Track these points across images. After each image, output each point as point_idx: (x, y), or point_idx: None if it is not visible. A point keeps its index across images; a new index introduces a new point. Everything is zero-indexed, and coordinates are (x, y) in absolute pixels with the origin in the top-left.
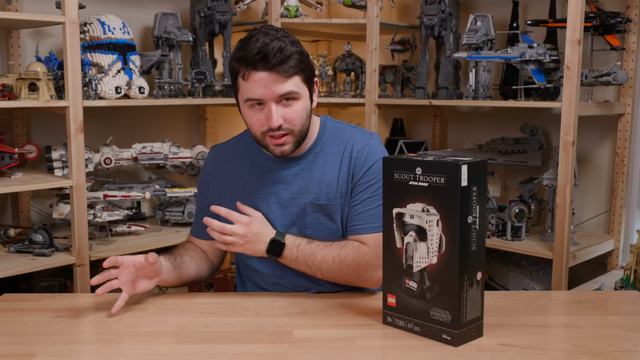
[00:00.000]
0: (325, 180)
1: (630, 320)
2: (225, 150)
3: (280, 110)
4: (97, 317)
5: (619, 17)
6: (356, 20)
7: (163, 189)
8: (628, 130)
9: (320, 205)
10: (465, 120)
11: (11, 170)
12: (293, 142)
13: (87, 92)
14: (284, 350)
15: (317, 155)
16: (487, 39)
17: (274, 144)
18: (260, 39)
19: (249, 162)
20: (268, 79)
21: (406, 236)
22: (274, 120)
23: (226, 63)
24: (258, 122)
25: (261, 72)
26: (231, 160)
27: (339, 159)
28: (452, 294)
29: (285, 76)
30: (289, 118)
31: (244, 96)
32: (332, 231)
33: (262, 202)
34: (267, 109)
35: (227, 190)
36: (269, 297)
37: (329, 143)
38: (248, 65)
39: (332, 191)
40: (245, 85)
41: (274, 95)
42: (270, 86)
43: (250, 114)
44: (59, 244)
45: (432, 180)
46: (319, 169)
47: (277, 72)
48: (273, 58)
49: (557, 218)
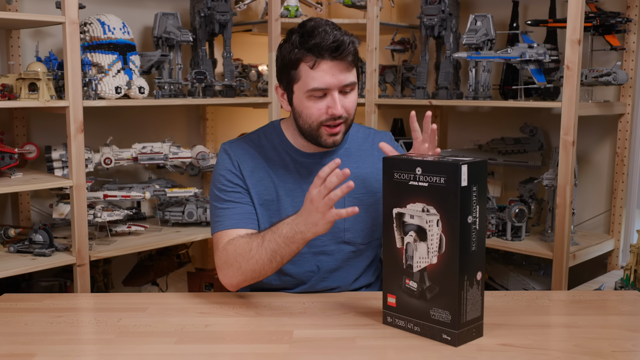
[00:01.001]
0: (361, 175)
1: (630, 320)
2: (248, 145)
3: (341, 99)
4: (97, 317)
5: (619, 17)
6: (356, 20)
7: (163, 189)
8: (628, 130)
9: (357, 198)
10: (465, 120)
11: (11, 170)
12: (344, 131)
13: (87, 92)
14: (284, 350)
15: (349, 150)
16: (487, 39)
17: (328, 133)
18: (328, 29)
19: (280, 158)
20: (336, 68)
21: (406, 236)
22: (339, 108)
23: (226, 63)
24: (318, 112)
25: (333, 61)
26: (259, 156)
27: (369, 155)
28: (452, 294)
29: (351, 66)
30: (347, 107)
31: (308, 86)
32: (367, 224)
33: (300, 196)
34: (329, 98)
35: (261, 184)
36: (269, 297)
37: (355, 139)
38: (319, 54)
39: (369, 185)
40: (312, 74)
41: (341, 85)
42: (337, 75)
43: (309, 104)
44: (59, 244)
45: (432, 180)
46: (354, 164)
47: (345, 62)
48: (347, 49)
49: (557, 218)
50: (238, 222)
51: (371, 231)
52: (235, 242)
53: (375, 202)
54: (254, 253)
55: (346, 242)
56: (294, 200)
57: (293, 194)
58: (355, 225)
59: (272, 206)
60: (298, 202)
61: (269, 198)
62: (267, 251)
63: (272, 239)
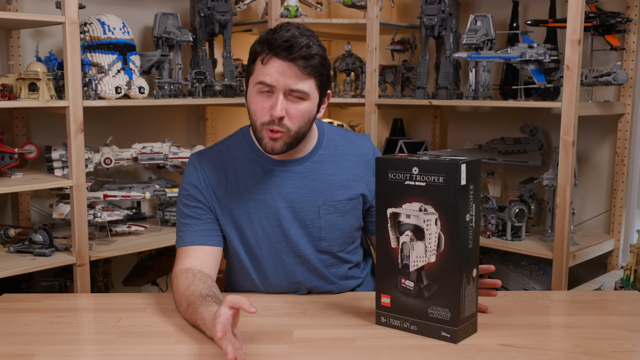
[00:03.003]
0: (336, 182)
1: (630, 320)
2: (217, 156)
3: (286, 103)
4: (97, 317)
5: (619, 17)
6: (356, 20)
7: (163, 189)
8: (628, 130)
9: (333, 206)
10: (465, 120)
11: (11, 170)
12: (287, 142)
13: (87, 92)
14: (284, 350)
15: (323, 156)
16: (487, 39)
17: (268, 137)
18: (292, 30)
19: (250, 167)
20: (286, 69)
21: (402, 236)
22: (278, 109)
23: (226, 63)
24: (262, 110)
25: (282, 60)
26: (228, 167)
27: (347, 160)
28: (453, 291)
29: (303, 73)
30: (291, 114)
31: (257, 79)
32: (344, 231)
33: (271, 207)
34: (273, 98)
35: (230, 197)
36: (269, 297)
37: (331, 145)
38: (271, 50)
39: (344, 191)
40: (262, 68)
41: (286, 87)
42: (285, 77)
43: (256, 99)
44: (59, 244)
45: (430, 179)
46: (328, 170)
47: (296, 66)
48: (298, 51)
49: (557, 218)
50: (198, 239)
51: (348, 238)
52: (179, 279)
53: (352, 207)
54: (181, 310)
55: (322, 251)
56: (266, 210)
57: (265, 204)
58: (332, 234)
59: (244, 218)
60: (269, 212)
61: (240, 211)
62: (187, 317)
63: (192, 313)
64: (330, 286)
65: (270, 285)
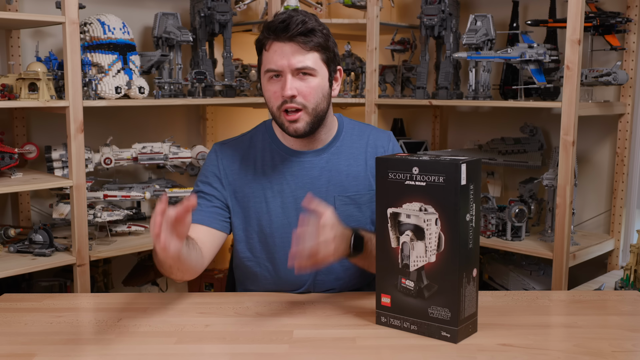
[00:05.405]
0: (352, 173)
1: (630, 320)
2: (238, 147)
3: (296, 82)
4: (97, 317)
5: (619, 17)
6: (356, 20)
7: (163, 189)
8: (628, 130)
9: (349, 197)
10: (465, 120)
11: (11, 170)
12: (307, 120)
13: (87, 92)
14: (284, 350)
15: (340, 148)
16: (487, 39)
17: (288, 120)
18: (289, 13)
19: (270, 157)
20: (287, 49)
21: (402, 236)
22: (287, 89)
23: (226, 63)
24: (274, 95)
25: (282, 42)
26: (249, 157)
27: (362, 152)
28: (453, 291)
29: (304, 49)
30: (304, 92)
31: (265, 67)
32: (360, 223)
33: (288, 197)
34: (282, 80)
35: (248, 186)
36: (269, 297)
37: (348, 137)
38: (270, 34)
39: (360, 183)
40: (267, 55)
41: (292, 67)
42: (288, 57)
43: (268, 87)
44: (59, 244)
45: (430, 179)
46: (344, 162)
47: (296, 43)
48: (295, 27)
49: (557, 218)
50: (203, 219)
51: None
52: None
53: (369, 199)
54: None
55: None
56: (283, 199)
57: (282, 194)
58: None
59: (261, 207)
60: (286, 201)
61: (258, 199)
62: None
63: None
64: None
65: (279, 277)
